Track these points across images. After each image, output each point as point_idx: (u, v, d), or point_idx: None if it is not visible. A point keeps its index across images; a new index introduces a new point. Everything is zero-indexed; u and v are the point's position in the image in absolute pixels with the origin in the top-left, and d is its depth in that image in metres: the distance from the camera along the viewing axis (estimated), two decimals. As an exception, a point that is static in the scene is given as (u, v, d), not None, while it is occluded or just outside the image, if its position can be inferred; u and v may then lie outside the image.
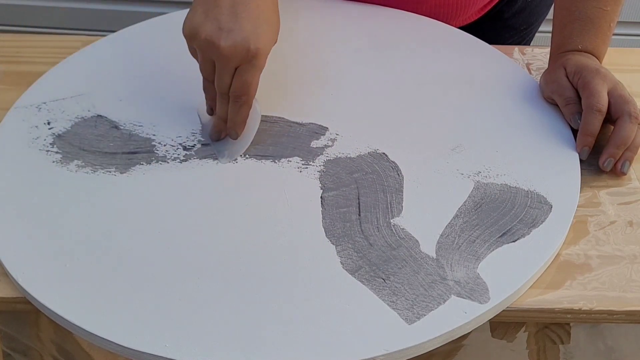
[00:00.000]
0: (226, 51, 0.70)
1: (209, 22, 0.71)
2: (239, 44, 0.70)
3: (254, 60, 0.71)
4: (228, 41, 0.70)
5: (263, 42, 0.71)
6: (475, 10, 1.00)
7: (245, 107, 0.74)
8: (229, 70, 0.72)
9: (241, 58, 0.71)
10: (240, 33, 0.70)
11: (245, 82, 0.72)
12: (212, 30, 0.70)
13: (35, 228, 0.69)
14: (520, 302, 0.66)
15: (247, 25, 0.71)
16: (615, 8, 0.82)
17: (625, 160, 0.76)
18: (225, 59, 0.70)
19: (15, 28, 1.84)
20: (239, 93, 0.73)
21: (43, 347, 0.71)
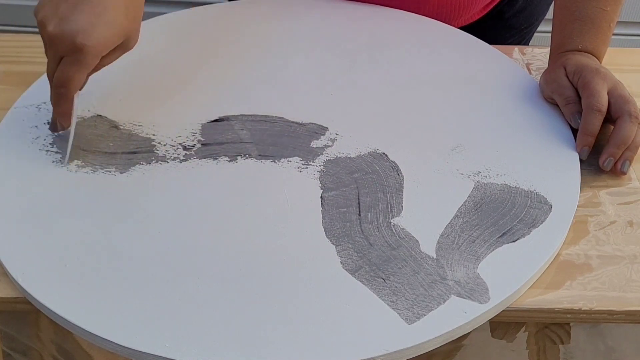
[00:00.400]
0: (51, 36, 0.69)
1: (49, 6, 0.70)
2: (66, 34, 0.69)
3: (78, 54, 0.69)
4: (56, 28, 0.69)
5: (93, 41, 0.69)
6: (477, 10, 1.00)
7: (63, 100, 0.72)
8: (53, 57, 0.70)
9: (64, 49, 0.69)
10: (71, 24, 0.69)
11: (65, 73, 0.70)
12: (48, 14, 0.69)
13: (35, 228, 0.68)
14: (520, 302, 0.66)
15: (82, 19, 0.69)
16: (615, 8, 0.82)
17: (625, 160, 0.76)
18: (49, 44, 0.70)
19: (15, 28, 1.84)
20: (57, 83, 0.71)
21: (43, 347, 0.71)
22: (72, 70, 0.70)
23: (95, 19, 0.69)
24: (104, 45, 0.70)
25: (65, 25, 0.68)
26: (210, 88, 0.83)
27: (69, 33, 0.68)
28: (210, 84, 0.84)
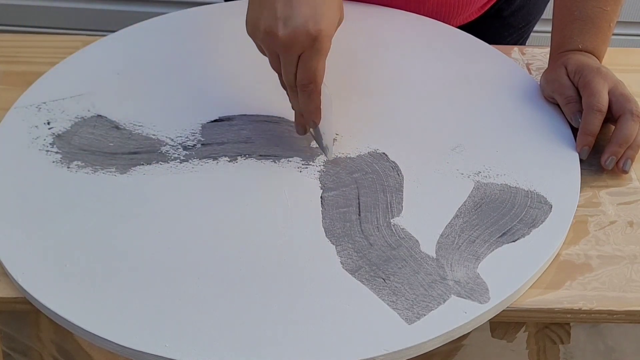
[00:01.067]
0: (285, 40, 0.67)
1: (265, 14, 0.68)
2: (298, 30, 0.67)
3: (316, 44, 0.68)
4: (286, 29, 0.67)
5: (324, 24, 0.68)
6: (475, 9, 1.00)
7: (314, 95, 0.71)
8: (291, 60, 0.69)
9: (302, 44, 0.67)
10: (297, 18, 0.67)
11: (310, 69, 0.69)
12: (270, 21, 0.67)
13: (35, 228, 0.68)
14: (520, 302, 0.66)
15: (304, 9, 0.67)
16: (615, 8, 0.82)
17: (627, 159, 0.76)
18: (285, 48, 0.68)
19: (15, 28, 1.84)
20: (305, 82, 0.70)
21: (43, 347, 0.71)
22: (315, 61, 0.69)
23: (314, 3, 0.68)
24: (333, 25, 0.69)
25: (293, 22, 0.67)
26: (210, 88, 0.83)
27: (301, 28, 0.67)
28: (211, 84, 0.84)
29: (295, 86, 0.71)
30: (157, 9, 1.78)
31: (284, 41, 0.67)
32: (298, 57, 0.68)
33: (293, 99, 0.72)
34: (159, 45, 0.89)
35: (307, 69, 0.69)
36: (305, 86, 0.70)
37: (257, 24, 0.68)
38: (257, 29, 0.68)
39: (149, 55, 0.88)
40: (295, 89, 0.71)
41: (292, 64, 0.69)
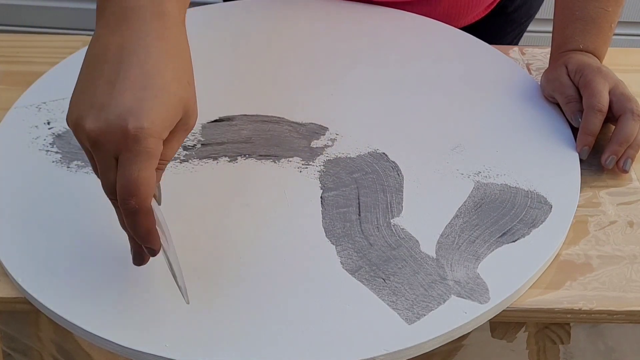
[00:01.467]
0: (95, 135, 0.52)
1: (82, 98, 0.54)
2: (111, 125, 0.51)
3: (136, 145, 0.52)
4: (97, 121, 0.52)
5: (149, 121, 0.52)
6: (482, 9, 1.01)
7: (141, 214, 0.54)
8: (105, 162, 0.53)
9: (117, 144, 0.52)
10: (114, 109, 0.52)
11: (128, 177, 0.52)
12: (83, 109, 0.53)
13: (35, 228, 0.68)
14: (520, 302, 0.66)
15: (127, 98, 0.52)
16: (616, 9, 0.82)
17: (627, 158, 0.76)
18: (97, 146, 0.52)
19: (15, 28, 1.84)
20: (123, 195, 0.52)
21: (43, 347, 0.71)
22: (134, 167, 0.52)
23: (141, 92, 0.53)
24: (162, 124, 0.53)
25: (107, 113, 0.52)
26: (211, 88, 0.83)
27: (115, 122, 0.51)
28: (211, 83, 0.84)
29: (114, 198, 0.54)
30: (157, 9, 1.78)
31: (93, 137, 0.52)
32: (115, 160, 0.53)
33: (118, 214, 0.56)
34: (159, 45, 0.89)
35: (124, 178, 0.52)
36: (125, 201, 0.53)
37: (70, 110, 0.54)
38: (69, 116, 0.54)
39: (149, 55, 0.87)
40: (115, 202, 0.54)
41: (108, 167, 0.53)
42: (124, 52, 0.54)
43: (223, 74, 0.85)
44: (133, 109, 0.52)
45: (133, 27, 0.55)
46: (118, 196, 0.53)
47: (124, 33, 0.54)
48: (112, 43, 0.54)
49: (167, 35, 0.56)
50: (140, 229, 0.54)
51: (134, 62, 0.54)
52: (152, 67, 0.54)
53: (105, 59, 0.54)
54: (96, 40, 0.55)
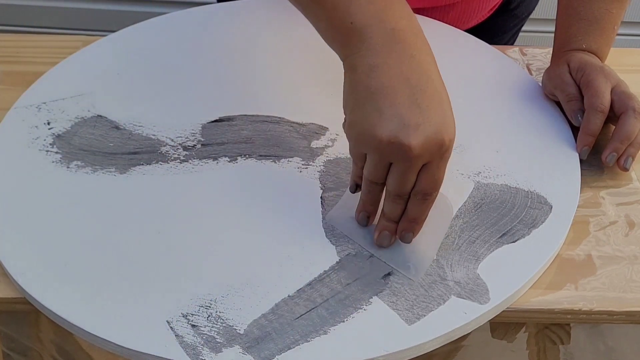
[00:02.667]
0: (418, 150, 0.60)
1: (388, 120, 0.60)
2: (431, 139, 0.60)
3: (446, 153, 0.62)
4: (419, 138, 0.60)
5: (453, 132, 0.62)
6: (489, 9, 1.02)
7: (430, 204, 0.64)
8: (415, 170, 0.62)
9: (432, 154, 0.61)
10: (430, 126, 0.60)
11: (437, 178, 0.62)
12: (396, 129, 0.60)
13: (35, 228, 0.68)
14: (520, 303, 0.66)
15: (435, 116, 0.61)
16: (620, 12, 0.82)
17: (628, 156, 0.76)
18: (415, 159, 0.61)
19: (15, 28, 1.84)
20: (430, 190, 0.63)
21: (43, 347, 0.71)
22: (442, 170, 0.62)
23: (442, 109, 0.62)
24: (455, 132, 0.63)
25: (426, 130, 0.60)
26: (210, 88, 0.83)
27: (433, 137, 0.60)
28: (210, 84, 0.84)
29: (406, 194, 0.63)
30: (157, 9, 1.78)
31: (417, 152, 0.60)
32: (422, 166, 0.62)
33: (396, 206, 0.64)
34: (159, 45, 0.89)
35: (434, 178, 0.62)
36: (429, 195, 0.63)
37: (375, 131, 0.61)
38: (375, 136, 0.61)
39: (149, 55, 0.88)
40: (403, 197, 0.64)
41: (414, 173, 0.62)
42: (412, 74, 0.62)
43: (223, 74, 0.85)
44: (442, 124, 0.61)
45: (406, 49, 0.62)
46: (421, 191, 0.62)
47: (402, 56, 0.62)
48: (395, 67, 0.62)
49: (429, 50, 0.65)
50: (424, 214, 0.65)
51: (425, 81, 0.62)
52: (438, 84, 0.63)
53: (395, 83, 0.61)
54: (375, 66, 0.62)
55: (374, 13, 0.63)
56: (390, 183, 0.63)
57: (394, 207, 0.64)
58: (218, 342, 0.60)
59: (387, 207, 0.65)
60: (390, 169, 0.63)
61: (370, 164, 0.63)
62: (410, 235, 0.65)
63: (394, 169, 0.62)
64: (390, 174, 0.63)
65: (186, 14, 0.95)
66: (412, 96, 0.61)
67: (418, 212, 0.64)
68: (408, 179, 0.62)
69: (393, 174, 0.62)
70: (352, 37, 0.63)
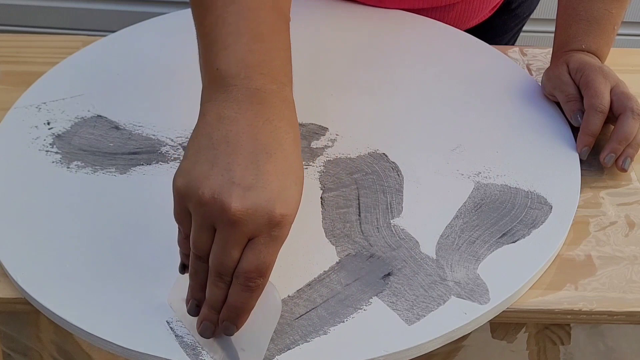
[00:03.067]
0: (239, 215, 0.52)
1: (218, 174, 0.53)
2: (260, 208, 0.52)
3: (276, 230, 0.54)
4: (245, 201, 0.52)
5: (292, 209, 0.54)
6: (490, 9, 1.02)
7: (257, 293, 0.55)
8: (237, 241, 0.53)
9: (259, 227, 0.53)
10: (263, 192, 0.53)
11: (264, 261, 0.54)
12: (222, 185, 0.53)
13: (35, 228, 0.68)
14: (520, 303, 0.66)
15: (273, 182, 0.53)
16: (620, 12, 0.82)
17: (626, 157, 0.76)
18: (237, 225, 0.52)
19: (15, 28, 1.84)
20: (253, 275, 0.54)
21: (43, 347, 0.71)
22: (271, 252, 0.54)
23: (285, 178, 0.54)
24: (297, 211, 0.55)
25: (257, 196, 0.53)
26: (210, 88, 0.83)
27: (264, 205, 0.52)
28: (210, 84, 0.84)
29: (227, 274, 0.54)
30: (157, 9, 1.78)
31: (238, 216, 0.52)
32: (247, 240, 0.54)
33: (217, 288, 0.55)
34: (159, 45, 0.89)
35: (259, 259, 0.54)
36: (252, 280, 0.54)
37: (199, 183, 0.53)
38: (197, 189, 0.53)
39: (149, 55, 0.88)
40: (225, 277, 0.55)
41: (237, 246, 0.53)
42: (262, 135, 0.55)
43: (223, 74, 0.85)
44: (281, 195, 0.53)
45: (265, 111, 0.56)
46: (243, 272, 0.54)
47: (258, 116, 0.55)
48: (245, 123, 0.55)
49: (294, 123, 0.58)
50: (249, 304, 0.55)
51: (275, 147, 0.55)
52: (291, 155, 0.56)
53: (241, 138, 0.54)
54: (226, 117, 0.56)
55: (245, 66, 0.57)
56: (211, 256, 0.54)
57: (214, 291, 0.55)
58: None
59: (208, 290, 0.56)
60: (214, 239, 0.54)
61: (194, 227, 0.54)
62: (233, 327, 0.56)
63: (217, 236, 0.54)
64: (213, 245, 0.54)
65: (186, 14, 0.94)
66: (253, 156, 0.54)
67: (240, 299, 0.55)
68: (228, 252, 0.53)
69: (215, 244, 0.54)
70: (214, 83, 0.58)
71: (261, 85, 0.57)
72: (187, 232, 0.56)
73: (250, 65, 0.57)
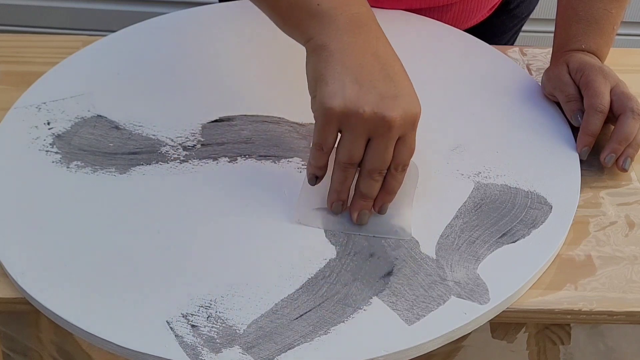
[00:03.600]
0: (398, 121, 0.62)
1: (368, 92, 0.62)
2: (409, 111, 0.63)
3: (416, 125, 0.64)
4: (398, 109, 0.62)
5: (419, 107, 0.64)
6: (488, 9, 1.01)
7: (403, 175, 0.66)
8: (393, 142, 0.63)
9: (407, 126, 0.63)
10: (405, 98, 0.63)
11: (413, 150, 0.65)
12: (376, 101, 0.62)
13: (35, 228, 0.68)
14: (520, 303, 0.66)
15: (406, 88, 0.64)
16: (619, 12, 0.82)
17: (626, 157, 0.76)
18: (394, 130, 0.62)
19: (15, 28, 1.84)
20: (407, 163, 0.65)
21: (43, 347, 0.71)
22: (414, 140, 0.65)
23: (408, 82, 0.65)
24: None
25: (403, 102, 0.63)
26: (210, 88, 0.83)
27: (410, 108, 0.63)
28: (210, 84, 0.84)
29: (385, 169, 0.65)
30: (157, 9, 1.78)
31: (397, 123, 0.62)
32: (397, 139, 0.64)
33: (372, 183, 0.65)
34: (159, 45, 0.89)
35: (411, 149, 0.65)
36: (406, 165, 0.66)
37: (355, 104, 0.62)
38: (356, 109, 0.62)
39: (149, 55, 0.88)
40: (384, 172, 0.65)
41: (392, 145, 0.64)
42: (380, 51, 0.65)
43: (223, 74, 0.85)
44: (414, 97, 0.64)
45: (371, 31, 0.66)
46: (399, 163, 0.65)
47: (369, 36, 0.66)
48: (364, 45, 0.65)
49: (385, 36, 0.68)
50: (398, 185, 0.66)
51: (392, 58, 0.66)
52: (400, 63, 0.66)
53: (367, 59, 0.64)
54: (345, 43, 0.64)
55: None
56: (370, 160, 0.64)
57: (372, 185, 0.65)
58: (218, 342, 0.60)
59: (364, 185, 0.66)
60: (368, 146, 0.64)
61: (349, 140, 0.63)
62: (387, 205, 0.68)
63: (375, 143, 0.63)
64: (369, 150, 0.64)
65: (186, 14, 0.95)
66: (384, 71, 0.64)
67: (397, 184, 0.66)
68: (389, 152, 0.63)
69: (374, 149, 0.63)
70: (319, 19, 0.65)
71: (358, 9, 0.66)
72: (330, 147, 0.65)
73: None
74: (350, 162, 0.65)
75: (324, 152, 0.65)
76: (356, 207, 0.67)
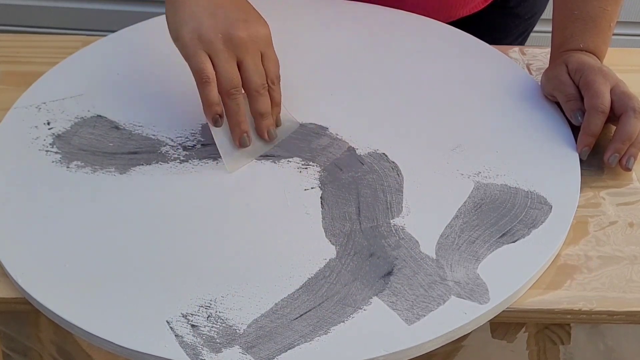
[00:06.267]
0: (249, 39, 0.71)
1: (212, 20, 0.71)
2: (257, 31, 0.72)
3: (269, 41, 0.74)
4: (249, 29, 0.71)
5: (267, 25, 0.74)
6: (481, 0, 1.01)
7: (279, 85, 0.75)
8: (258, 57, 0.73)
9: (263, 42, 0.73)
10: (253, 21, 0.72)
11: (276, 61, 0.74)
12: (226, 25, 0.71)
13: (35, 228, 0.68)
14: (520, 303, 0.66)
15: (254, 14, 0.74)
16: (615, 9, 0.82)
17: (629, 156, 0.76)
18: (251, 45, 0.71)
19: (15, 28, 1.84)
20: (277, 73, 0.75)
21: (43, 347, 0.71)
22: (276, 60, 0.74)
23: (254, 11, 0.75)
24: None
25: (251, 22, 0.72)
26: (210, 88, 0.83)
27: (260, 26, 0.72)
28: (210, 84, 0.84)
29: (264, 82, 0.73)
30: (157, 9, 1.78)
31: (250, 39, 0.71)
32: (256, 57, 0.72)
33: (264, 97, 0.74)
34: (159, 45, 0.89)
35: (274, 63, 0.74)
36: (278, 78, 0.75)
37: (207, 32, 0.71)
38: (210, 35, 0.71)
39: (149, 55, 0.88)
40: (264, 86, 0.73)
41: (259, 60, 0.72)
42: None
43: (223, 74, 0.85)
44: (262, 21, 0.74)
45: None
46: (274, 75, 0.74)
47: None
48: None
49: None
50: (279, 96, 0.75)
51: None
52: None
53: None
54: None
55: None
56: (250, 79, 0.72)
57: (263, 100, 0.73)
58: (218, 342, 0.60)
59: (257, 104, 0.73)
60: (241, 69, 0.71)
61: (221, 68, 0.71)
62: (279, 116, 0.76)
63: (244, 63, 0.71)
64: (243, 71, 0.72)
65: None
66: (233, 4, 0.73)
67: (278, 95, 0.75)
68: (260, 67, 0.72)
69: (246, 67, 0.72)
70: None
71: None
72: (210, 74, 0.71)
73: None
74: (232, 85, 0.71)
75: (209, 82, 0.71)
76: (262, 128, 0.75)
